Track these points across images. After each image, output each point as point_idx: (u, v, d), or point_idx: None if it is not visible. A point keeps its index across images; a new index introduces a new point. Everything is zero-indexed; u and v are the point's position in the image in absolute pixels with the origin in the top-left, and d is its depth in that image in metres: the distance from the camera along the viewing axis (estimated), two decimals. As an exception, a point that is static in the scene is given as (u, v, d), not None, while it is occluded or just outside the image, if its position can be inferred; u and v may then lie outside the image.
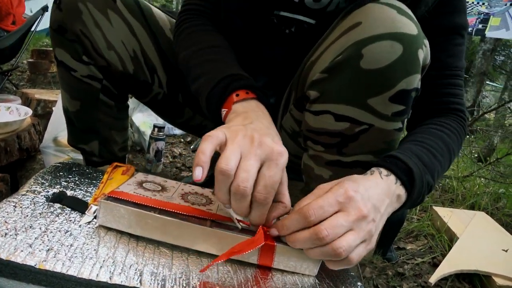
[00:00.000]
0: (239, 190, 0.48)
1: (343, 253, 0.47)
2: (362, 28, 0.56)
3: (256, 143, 0.51)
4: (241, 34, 0.80)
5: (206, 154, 0.49)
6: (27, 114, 1.42)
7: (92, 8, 0.79)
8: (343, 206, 0.48)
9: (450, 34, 0.74)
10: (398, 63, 0.55)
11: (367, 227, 0.49)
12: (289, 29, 0.79)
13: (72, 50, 0.83)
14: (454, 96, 0.75)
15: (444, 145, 0.66)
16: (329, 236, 0.46)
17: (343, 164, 0.67)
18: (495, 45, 4.69)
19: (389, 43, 0.54)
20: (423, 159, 0.60)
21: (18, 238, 0.49)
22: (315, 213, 0.48)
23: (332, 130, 0.64)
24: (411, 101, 0.60)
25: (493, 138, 3.20)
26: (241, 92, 0.64)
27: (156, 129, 1.70)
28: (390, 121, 0.61)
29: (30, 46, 3.73)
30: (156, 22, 0.89)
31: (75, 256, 0.48)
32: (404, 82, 0.56)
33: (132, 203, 0.55)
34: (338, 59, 0.59)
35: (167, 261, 0.51)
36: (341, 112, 0.61)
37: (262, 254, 0.53)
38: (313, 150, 0.70)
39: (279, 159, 0.51)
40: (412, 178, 0.55)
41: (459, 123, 0.74)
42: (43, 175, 0.70)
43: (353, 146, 0.64)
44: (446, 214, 1.66)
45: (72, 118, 0.94)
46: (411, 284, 1.23)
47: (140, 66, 0.88)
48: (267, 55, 0.83)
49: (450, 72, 0.74)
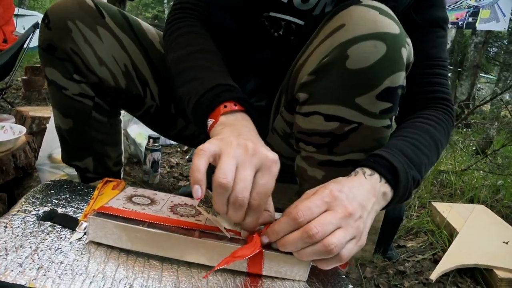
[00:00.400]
0: (237, 201, 0.49)
1: (335, 249, 0.48)
2: (346, 30, 0.58)
3: (250, 152, 0.52)
4: (231, 36, 0.81)
5: (201, 171, 0.49)
6: (21, 132, 1.42)
7: (82, 25, 0.79)
8: (330, 206, 0.50)
9: (432, 26, 0.77)
10: (382, 61, 0.56)
11: (355, 224, 0.51)
12: (278, 32, 0.80)
13: (63, 68, 0.83)
14: (440, 85, 0.77)
15: (430, 139, 0.67)
16: (319, 234, 0.48)
17: (335, 164, 0.68)
18: (486, 37, 4.71)
19: (373, 43, 0.56)
20: (409, 155, 0.61)
21: (9, 258, 0.49)
22: (303, 214, 0.49)
23: (322, 130, 0.65)
24: (397, 98, 0.62)
25: (489, 131, 3.20)
26: (229, 103, 0.64)
27: (152, 140, 1.71)
28: (378, 119, 0.62)
29: (24, 63, 3.75)
30: (145, 35, 0.90)
31: (65, 273, 0.48)
32: (389, 80, 0.58)
33: (121, 218, 0.55)
34: (325, 61, 0.60)
35: (157, 274, 0.51)
36: (330, 112, 0.62)
37: (251, 262, 0.54)
38: (305, 151, 0.71)
39: (272, 167, 0.53)
40: (397, 175, 0.57)
41: (446, 114, 0.75)
42: (34, 194, 0.70)
43: (344, 145, 0.65)
44: (445, 209, 1.66)
45: (65, 136, 0.94)
46: (413, 281, 1.22)
47: (132, 80, 0.88)
48: (257, 59, 0.84)
49: (434, 62, 0.77)
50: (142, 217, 0.56)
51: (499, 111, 3.19)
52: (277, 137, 0.85)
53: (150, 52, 0.90)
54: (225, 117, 0.63)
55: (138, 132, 2.00)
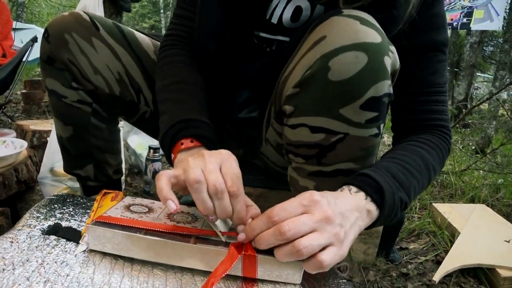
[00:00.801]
0: (216, 189, 0.53)
1: (303, 250, 0.48)
2: (327, 42, 0.58)
3: (206, 156, 0.57)
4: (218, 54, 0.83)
5: (165, 188, 0.55)
6: (22, 146, 1.43)
7: (77, 37, 0.84)
8: (308, 209, 0.51)
9: (431, 51, 0.75)
10: (364, 72, 0.56)
11: (333, 230, 0.50)
12: (270, 47, 0.81)
13: (62, 78, 0.88)
14: (438, 113, 0.76)
15: (422, 162, 0.67)
16: (290, 232, 0.48)
17: (324, 174, 0.68)
18: (481, 37, 4.74)
19: (353, 54, 0.56)
20: (397, 176, 0.61)
21: (16, 273, 0.50)
22: (278, 213, 0.51)
23: (309, 142, 0.65)
24: (384, 107, 0.62)
25: (487, 130, 3.21)
26: (186, 140, 0.68)
27: (152, 150, 1.72)
28: (364, 128, 0.62)
29: (23, 77, 3.77)
30: (139, 45, 0.93)
31: (71, 285, 0.49)
32: (372, 89, 0.58)
33: (119, 226, 0.57)
34: (308, 74, 0.60)
35: (161, 283, 0.52)
36: (316, 124, 0.63)
37: (246, 266, 0.55)
38: (295, 163, 0.72)
39: (231, 157, 0.59)
40: (383, 194, 0.57)
41: (442, 139, 0.75)
42: (38, 208, 0.71)
43: (332, 156, 0.65)
44: (446, 210, 1.67)
45: (66, 145, 0.98)
46: (416, 283, 1.23)
47: (125, 87, 0.92)
48: (248, 71, 0.85)
49: (433, 89, 0.76)
50: (139, 224, 0.58)
51: (496, 110, 3.20)
52: (271, 148, 0.87)
53: (144, 61, 0.93)
54: (181, 155, 0.67)
55: (138, 143, 2.01)
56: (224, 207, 0.54)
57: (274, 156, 0.89)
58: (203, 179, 0.54)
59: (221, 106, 0.90)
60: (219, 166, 0.56)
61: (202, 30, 0.80)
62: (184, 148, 0.67)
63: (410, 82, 0.75)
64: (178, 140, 0.69)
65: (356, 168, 0.66)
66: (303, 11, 0.74)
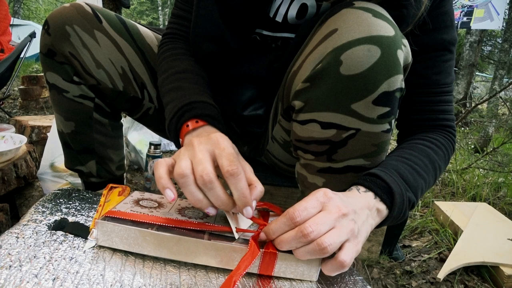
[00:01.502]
0: (204, 180, 0.52)
1: (328, 249, 0.48)
2: (339, 35, 0.57)
3: (196, 144, 0.56)
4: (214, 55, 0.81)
5: (163, 176, 0.54)
6: (22, 142, 1.41)
7: (79, 30, 0.81)
8: (324, 206, 0.51)
9: (439, 50, 0.74)
10: (377, 66, 0.55)
11: (349, 226, 0.51)
12: (276, 43, 0.79)
13: (63, 71, 0.85)
14: (444, 113, 0.76)
15: (429, 162, 0.67)
16: (314, 233, 0.48)
17: (334, 171, 0.67)
18: (481, 36, 4.74)
19: (366, 47, 0.55)
20: (406, 177, 0.61)
21: (23, 269, 0.49)
22: (300, 214, 0.50)
23: (319, 138, 0.64)
24: (396, 102, 0.60)
25: (487, 129, 3.21)
26: (191, 122, 0.67)
27: (152, 146, 1.70)
28: (376, 124, 0.61)
29: (21, 73, 3.73)
30: (142, 39, 0.91)
31: (81, 283, 0.48)
32: (385, 84, 0.56)
33: (129, 221, 0.55)
34: (318, 68, 0.59)
35: (174, 281, 0.51)
36: (327, 120, 0.61)
37: (263, 263, 0.53)
38: (304, 159, 0.70)
39: (221, 138, 0.57)
40: (392, 195, 0.57)
41: (447, 139, 0.75)
42: (43, 203, 0.69)
43: (343, 152, 0.64)
44: (448, 208, 1.67)
45: (67, 140, 0.95)
46: (420, 281, 1.22)
47: (129, 83, 0.89)
48: (253, 67, 0.83)
49: (439, 89, 0.75)
50: (151, 219, 0.56)
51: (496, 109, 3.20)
52: (277, 145, 0.85)
53: (147, 55, 0.91)
54: (188, 137, 0.66)
55: (138, 139, 1.99)
56: (217, 196, 0.53)
57: (280, 153, 0.87)
58: (188, 172, 0.52)
59: (225, 103, 0.88)
60: (209, 153, 0.55)
61: (197, 31, 0.78)
62: (191, 129, 0.66)
63: (417, 81, 0.74)
64: (182, 125, 0.67)
65: (366, 164, 0.65)
66: (309, 8, 0.73)
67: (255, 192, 0.56)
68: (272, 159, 0.93)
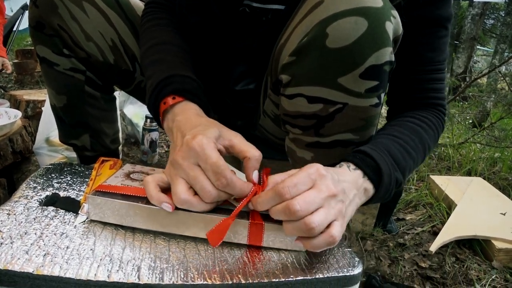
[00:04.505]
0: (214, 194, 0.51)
1: (315, 229, 0.47)
2: (325, 7, 0.55)
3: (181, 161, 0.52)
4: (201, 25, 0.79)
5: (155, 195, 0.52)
6: (17, 116, 1.41)
7: (68, 1, 0.80)
8: (315, 183, 0.49)
9: (434, 26, 0.72)
10: (364, 38, 0.54)
11: (337, 206, 0.50)
12: (266, 16, 0.78)
13: (52, 44, 0.84)
14: (435, 91, 0.75)
15: (419, 141, 0.67)
16: (301, 211, 0.47)
17: (322, 145, 0.66)
18: (483, 9, 4.64)
19: (353, 19, 0.53)
20: (396, 157, 0.61)
21: (14, 246, 0.49)
22: (289, 191, 0.48)
23: (306, 112, 0.63)
24: (385, 75, 0.59)
25: (486, 103, 3.20)
26: (168, 99, 0.64)
27: (149, 120, 1.70)
28: (364, 98, 0.60)
29: (14, 46, 3.67)
30: (132, 11, 0.89)
31: (72, 258, 0.48)
32: (373, 57, 0.55)
33: (120, 195, 0.56)
34: (304, 41, 0.58)
35: (164, 253, 0.51)
36: (313, 94, 0.60)
37: (252, 234, 0.54)
38: (292, 134, 0.70)
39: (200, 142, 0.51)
40: (380, 175, 0.57)
41: (438, 117, 0.74)
42: (35, 178, 0.69)
43: (330, 126, 0.63)
44: (443, 182, 1.68)
45: (60, 114, 0.95)
46: (412, 253, 1.24)
47: (120, 55, 0.89)
48: (243, 41, 0.81)
49: (432, 67, 0.73)
50: (141, 192, 0.56)
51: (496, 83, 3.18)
52: (269, 119, 0.85)
53: (138, 27, 0.89)
54: (167, 118, 0.64)
55: (134, 113, 1.98)
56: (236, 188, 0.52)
57: (272, 127, 0.87)
58: (189, 198, 0.51)
59: (217, 78, 0.87)
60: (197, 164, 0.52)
61: (182, 2, 0.77)
62: (167, 106, 0.64)
63: (409, 58, 0.73)
64: (160, 102, 0.65)
65: (355, 139, 0.65)
66: None
67: (251, 163, 0.55)
68: (265, 133, 0.93)
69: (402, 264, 1.18)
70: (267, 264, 0.52)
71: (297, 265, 0.52)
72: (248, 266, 0.51)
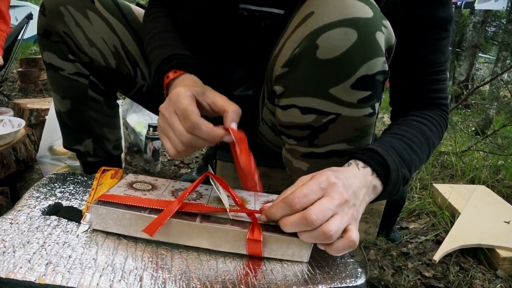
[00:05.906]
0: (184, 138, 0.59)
1: (333, 236, 0.49)
2: (315, 18, 0.56)
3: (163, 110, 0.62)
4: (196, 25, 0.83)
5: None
6: (20, 125, 1.41)
7: (73, 10, 0.84)
8: (326, 192, 0.50)
9: (434, 28, 0.72)
10: (354, 49, 0.54)
11: (350, 211, 0.51)
12: (265, 22, 0.78)
13: (58, 50, 0.88)
14: (438, 92, 0.76)
15: (424, 139, 0.68)
16: (318, 221, 0.48)
17: (318, 155, 0.67)
18: (485, 17, 4.65)
19: (343, 30, 0.53)
20: (401, 154, 0.62)
21: (17, 255, 0.49)
22: (299, 201, 0.50)
23: (300, 123, 0.64)
24: (378, 85, 0.59)
25: (488, 111, 3.19)
26: (170, 73, 0.71)
27: (152, 128, 1.70)
28: (357, 108, 0.60)
29: (19, 55, 3.70)
30: (135, 18, 0.93)
31: (74, 267, 0.48)
32: (364, 67, 0.55)
33: (122, 205, 0.56)
34: (296, 52, 0.58)
35: (166, 263, 0.51)
36: (306, 105, 0.61)
37: (251, 245, 0.54)
38: (288, 144, 0.70)
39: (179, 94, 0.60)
40: (388, 172, 0.58)
41: (441, 116, 0.75)
42: (38, 188, 0.70)
43: (324, 137, 0.64)
44: (446, 190, 1.67)
45: (64, 120, 0.98)
46: (416, 262, 1.23)
47: (122, 60, 0.92)
48: (242, 47, 0.82)
49: (434, 69, 0.74)
50: (144, 203, 0.56)
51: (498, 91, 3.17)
52: (267, 127, 0.86)
53: (140, 34, 0.92)
54: (171, 87, 0.71)
55: (137, 121, 1.99)
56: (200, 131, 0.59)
57: (271, 135, 0.87)
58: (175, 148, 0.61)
59: (216, 82, 0.88)
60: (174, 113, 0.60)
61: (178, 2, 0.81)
62: (170, 80, 0.71)
63: (411, 60, 0.73)
64: (163, 78, 0.72)
65: (350, 149, 0.65)
66: None
67: (229, 116, 0.61)
68: (264, 140, 0.93)
69: (405, 274, 1.17)
70: (270, 275, 0.52)
71: (300, 276, 0.52)
72: (250, 277, 0.51)
